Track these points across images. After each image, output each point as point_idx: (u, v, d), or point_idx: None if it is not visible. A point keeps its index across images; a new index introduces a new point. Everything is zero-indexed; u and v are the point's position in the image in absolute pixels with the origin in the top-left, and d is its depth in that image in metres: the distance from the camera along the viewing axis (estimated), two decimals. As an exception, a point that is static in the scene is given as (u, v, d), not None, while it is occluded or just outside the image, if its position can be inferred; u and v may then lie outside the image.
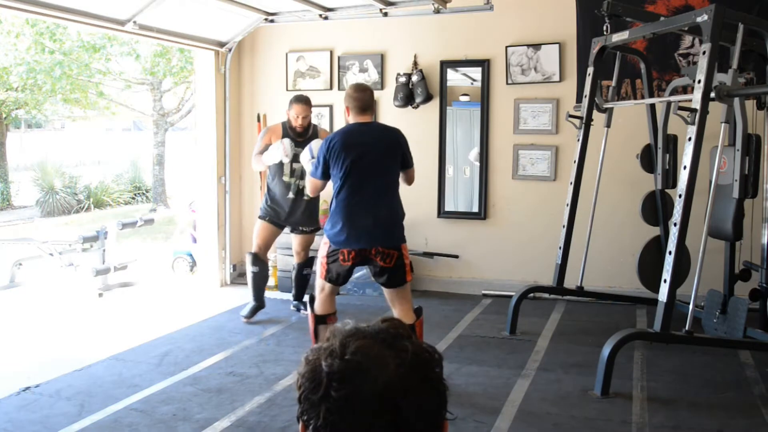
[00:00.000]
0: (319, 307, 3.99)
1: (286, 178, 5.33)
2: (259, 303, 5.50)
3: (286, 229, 5.61)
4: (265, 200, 5.49)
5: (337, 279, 3.92)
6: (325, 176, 3.91)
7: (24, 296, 6.62)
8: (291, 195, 5.34)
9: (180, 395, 3.89)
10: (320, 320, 3.99)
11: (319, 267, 3.97)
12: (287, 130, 5.31)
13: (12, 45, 12.61)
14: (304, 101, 5.28)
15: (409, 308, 3.91)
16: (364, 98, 3.91)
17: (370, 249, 3.79)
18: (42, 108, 16.94)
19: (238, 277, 7.01)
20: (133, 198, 16.82)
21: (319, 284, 3.97)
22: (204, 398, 3.85)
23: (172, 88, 15.16)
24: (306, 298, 4.28)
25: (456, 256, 6.48)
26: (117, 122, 25.65)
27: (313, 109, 5.45)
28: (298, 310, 5.68)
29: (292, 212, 5.38)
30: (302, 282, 5.70)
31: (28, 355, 4.72)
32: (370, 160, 3.82)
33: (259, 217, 5.52)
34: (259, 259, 5.49)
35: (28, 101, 15.51)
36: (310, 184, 4.10)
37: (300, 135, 5.27)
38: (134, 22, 5.41)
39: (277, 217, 5.43)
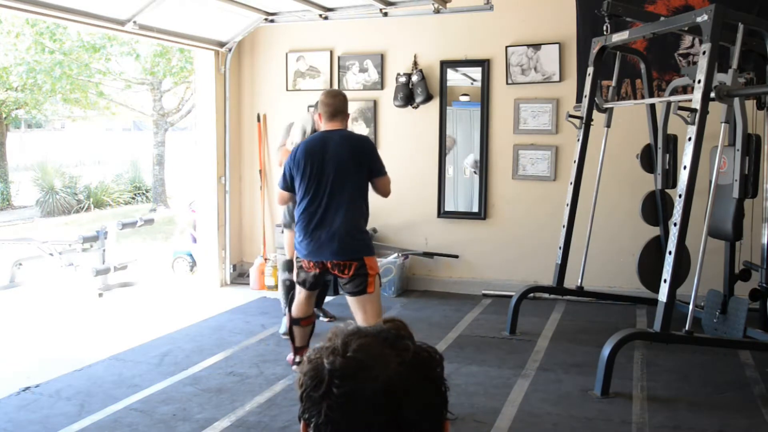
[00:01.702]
0: (294, 308, 4.08)
1: None
2: None
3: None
4: (287, 207, 4.97)
5: (305, 284, 3.94)
6: (290, 188, 3.87)
7: (24, 296, 6.63)
8: None
9: (180, 395, 3.89)
10: (294, 322, 4.10)
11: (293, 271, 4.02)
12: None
13: (12, 45, 12.60)
14: None
15: (371, 322, 3.68)
16: (335, 104, 3.82)
17: (326, 262, 3.76)
18: (42, 108, 16.93)
19: (238, 277, 7.01)
20: (133, 198, 16.81)
21: (297, 287, 4.05)
22: (204, 398, 3.85)
23: (172, 88, 15.14)
24: (329, 298, 4.28)
25: (456, 256, 6.48)
26: (117, 122, 25.61)
27: (314, 108, 5.34)
28: (317, 316, 5.50)
29: None
30: (323, 288, 5.16)
31: (28, 355, 4.73)
32: (329, 170, 3.72)
33: (287, 227, 5.03)
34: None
35: (28, 101, 15.50)
36: (278, 197, 4.11)
37: None
38: (134, 22, 5.41)
39: None
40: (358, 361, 0.95)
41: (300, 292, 4.03)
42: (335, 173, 3.72)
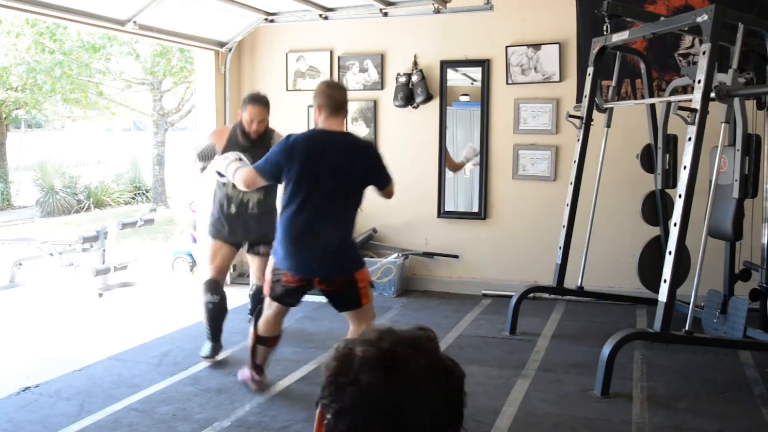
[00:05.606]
0: (262, 326, 3.68)
1: (228, 190, 4.43)
2: (218, 342, 4.48)
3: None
4: (211, 213, 4.58)
5: (281, 298, 3.52)
6: (272, 178, 3.45)
7: (24, 296, 6.62)
8: (233, 209, 4.42)
9: (180, 395, 3.89)
10: (261, 341, 3.73)
11: (265, 283, 3.59)
12: (238, 136, 4.39)
13: (12, 45, 12.62)
14: (262, 103, 4.39)
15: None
16: (339, 98, 3.40)
17: (312, 279, 3.40)
18: (42, 108, 16.95)
19: (238, 277, 7.01)
20: (133, 198, 16.82)
21: (267, 302, 3.63)
22: (204, 398, 3.85)
23: (172, 88, 15.15)
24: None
25: (456, 256, 6.47)
26: (117, 122, 25.63)
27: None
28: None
29: (233, 230, 4.43)
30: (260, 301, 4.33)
31: (28, 355, 4.72)
32: (331, 178, 3.30)
33: (209, 235, 4.55)
34: (219, 288, 4.46)
35: (28, 101, 15.51)
36: (247, 176, 3.54)
37: (253, 142, 4.32)
38: (134, 22, 5.42)
39: (226, 235, 4.47)
40: (390, 356, 0.98)
41: (270, 307, 3.61)
42: (333, 184, 3.32)
